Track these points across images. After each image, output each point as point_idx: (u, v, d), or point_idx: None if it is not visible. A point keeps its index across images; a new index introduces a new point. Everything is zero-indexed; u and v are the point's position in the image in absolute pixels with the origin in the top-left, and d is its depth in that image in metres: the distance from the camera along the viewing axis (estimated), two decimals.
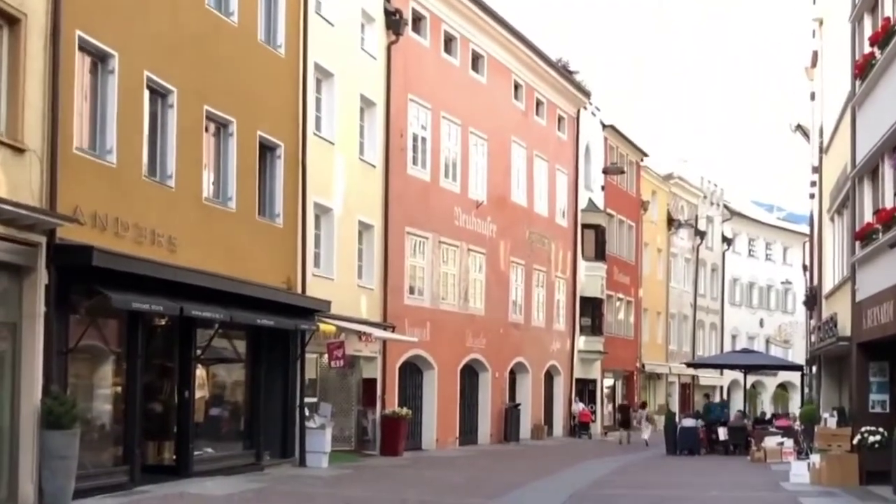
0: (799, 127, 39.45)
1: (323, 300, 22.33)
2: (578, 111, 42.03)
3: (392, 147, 27.53)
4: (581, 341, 42.12)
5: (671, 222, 55.36)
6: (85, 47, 15.80)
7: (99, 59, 16.27)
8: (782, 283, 68.76)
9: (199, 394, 19.91)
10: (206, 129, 19.53)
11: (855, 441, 20.20)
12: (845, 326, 23.12)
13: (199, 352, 19.00)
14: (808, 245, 69.87)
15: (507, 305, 35.48)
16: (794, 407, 64.73)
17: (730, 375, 62.43)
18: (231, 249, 19.84)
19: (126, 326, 16.89)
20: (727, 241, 63.52)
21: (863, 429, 19.97)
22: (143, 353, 17.20)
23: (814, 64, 34.20)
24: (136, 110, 17.10)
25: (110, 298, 14.95)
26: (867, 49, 20.25)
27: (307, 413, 22.72)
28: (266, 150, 21.65)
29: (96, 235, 15.55)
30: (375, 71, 26.90)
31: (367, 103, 26.51)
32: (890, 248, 16.86)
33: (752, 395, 60.90)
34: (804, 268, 70.68)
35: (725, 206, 63.38)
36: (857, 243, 21.01)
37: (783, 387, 69.29)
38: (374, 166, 26.75)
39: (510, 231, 35.38)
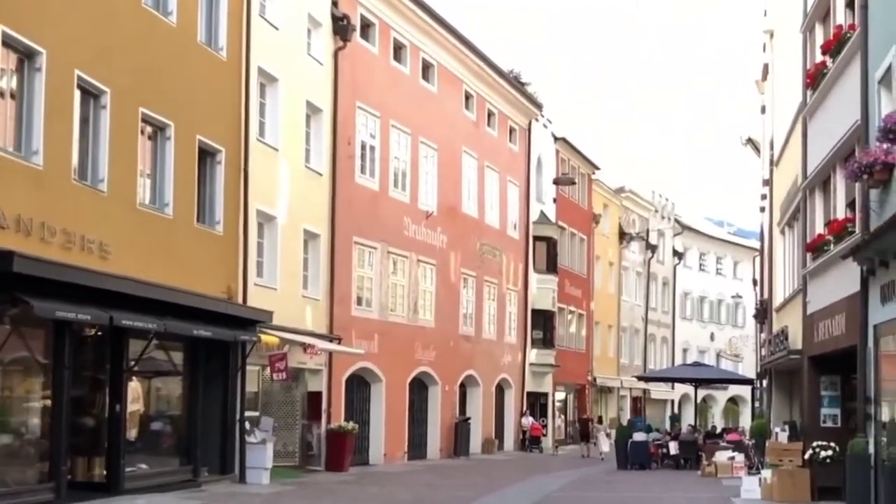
0: (749, 140, 39.47)
1: (265, 311, 21.66)
2: (530, 123, 41.70)
3: (339, 155, 26.92)
4: (532, 354, 41.70)
5: (623, 236, 55.28)
6: (10, 43, 15.10)
7: (25, 56, 15.56)
8: (732, 297, 69.03)
9: (133, 407, 19.16)
10: (142, 132, 18.88)
11: (806, 456, 19.86)
12: (796, 339, 22.87)
13: (132, 363, 18.23)
14: (757, 259, 70.95)
15: (457, 317, 34.95)
16: (745, 421, 64.88)
17: (681, 389, 62.47)
18: (168, 257, 19.16)
19: (53, 336, 16.13)
20: (678, 255, 63.63)
21: (814, 443, 19.63)
22: (72, 364, 16.44)
23: (764, 77, 34.16)
24: (66, 111, 16.40)
25: (32, 306, 14.20)
26: (819, 58, 20.06)
27: (248, 427, 21.99)
28: (206, 155, 20.99)
29: (20, 240, 14.83)
30: (322, 77, 26.29)
31: (313, 110, 25.89)
32: (842, 259, 16.52)
33: (702, 408, 60.93)
34: (754, 282, 71.09)
35: (676, 221, 63.49)
36: (809, 255, 20.75)
37: (734, 401, 69.49)
38: (320, 174, 26.12)
39: (461, 242, 34.88)
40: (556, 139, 45.05)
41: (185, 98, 20.03)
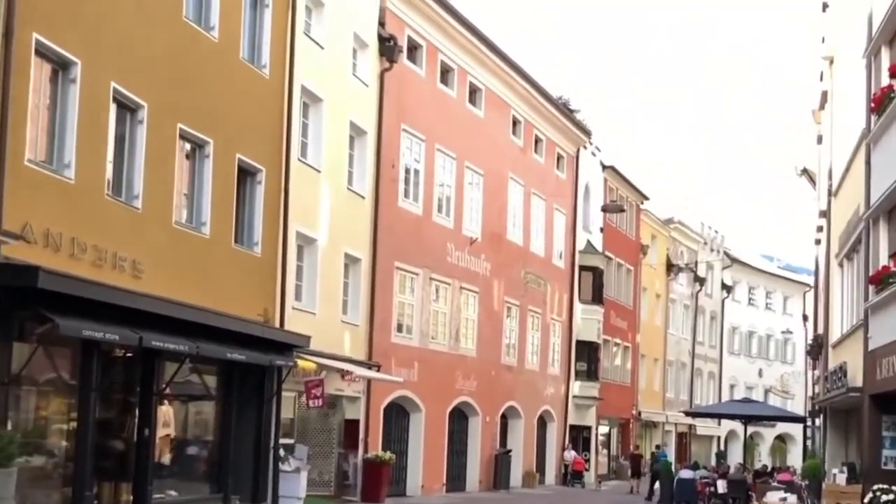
0: (805, 171, 38.36)
1: (302, 335, 20.99)
2: (578, 150, 40.94)
3: (383, 178, 26.32)
4: (576, 386, 40.73)
5: (670, 267, 54.20)
6: (44, 52, 14.60)
7: (60, 67, 15.07)
8: (782, 332, 67.45)
9: (163, 432, 18.56)
10: (180, 149, 18.33)
11: (866, 500, 18.82)
12: (855, 376, 21.81)
13: (162, 386, 17.62)
14: (809, 294, 69.40)
15: (499, 347, 34.13)
16: (793, 460, 63.32)
17: (727, 426, 61.06)
18: (203, 278, 18.58)
19: (81, 356, 15.54)
20: (727, 288, 62.35)
21: (874, 486, 18.61)
22: (100, 385, 15.83)
23: (822, 106, 33.19)
24: (101, 124, 15.87)
25: (58, 325, 13.62)
26: (885, 82, 19.16)
27: (282, 455, 21.31)
28: (246, 174, 20.43)
29: (48, 256, 14.27)
30: (367, 98, 25.75)
31: (357, 131, 25.33)
32: None
33: (749, 446, 59.45)
34: (804, 317, 69.84)
35: (726, 253, 62.29)
36: (872, 288, 19.74)
37: (781, 439, 67.85)
38: (363, 197, 25.52)
39: (505, 270, 34.11)
40: (604, 167, 44.24)
41: (226, 115, 19.51)
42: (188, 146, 18.70)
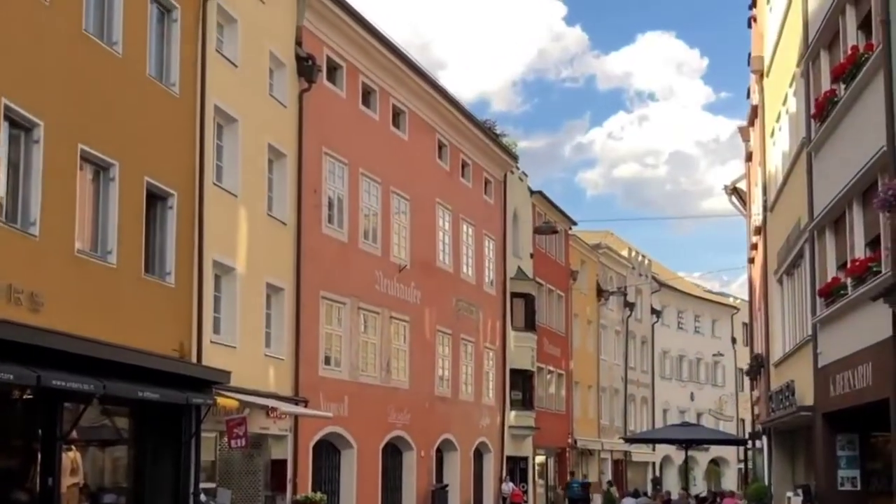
0: (734, 190, 37.86)
1: (221, 370, 19.54)
2: (505, 175, 40.04)
3: (305, 204, 24.97)
4: (512, 416, 39.57)
5: (600, 293, 53.53)
6: None
7: None
8: (713, 355, 67.35)
9: (71, 480, 16.96)
10: (82, 171, 16.86)
11: None
12: (804, 395, 20.97)
13: (67, 431, 16.04)
14: (736, 317, 69.49)
15: (432, 377, 32.85)
16: (728, 483, 62.88)
17: (661, 451, 60.53)
18: (110, 311, 17.10)
19: None
20: (656, 312, 61.95)
21: None
22: None
23: (751, 122, 32.73)
24: None
25: None
26: (826, 87, 18.46)
27: (203, 500, 19.75)
28: (156, 198, 18.99)
29: None
30: (286, 120, 24.45)
31: (276, 154, 23.99)
32: (871, 301, 14.68)
33: (683, 470, 58.87)
34: (733, 340, 69.99)
35: (654, 278, 61.94)
36: (820, 301, 18.93)
37: (715, 462, 67.52)
38: (284, 224, 24.12)
39: (436, 298, 32.89)
40: (532, 192, 43.41)
41: (133, 136, 18.11)
42: (91, 168, 17.23)
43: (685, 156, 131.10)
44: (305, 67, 25.04)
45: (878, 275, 15.36)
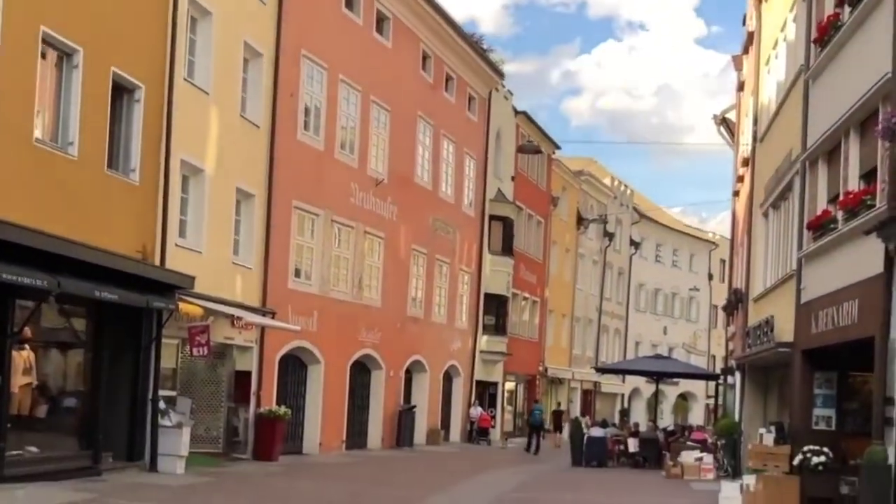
0: (723, 120, 37.07)
1: (185, 275, 18.82)
2: (490, 92, 39.07)
3: (280, 107, 24.03)
4: (484, 341, 39.15)
5: (580, 221, 52.91)
6: None
7: None
8: (690, 289, 67.09)
9: (23, 380, 16.31)
10: (44, 56, 15.95)
11: (796, 461, 17.46)
12: (783, 331, 20.45)
13: (17, 328, 15.32)
14: (714, 252, 69.20)
15: (405, 297, 32.24)
16: (695, 418, 63.14)
17: (631, 383, 60.53)
18: (69, 205, 16.33)
19: None
20: (635, 244, 61.43)
21: (805, 448, 17.25)
22: None
23: (746, 50, 31.84)
24: None
25: None
26: (829, 11, 17.62)
27: (162, 408, 19.15)
28: (122, 90, 18.08)
29: None
30: (264, 17, 23.39)
31: (252, 53, 22.97)
32: (865, 235, 14.05)
33: (651, 403, 59.00)
34: (709, 276, 69.76)
35: (635, 209, 61.34)
36: (808, 235, 18.30)
37: (683, 396, 67.69)
38: (257, 126, 23.19)
39: (412, 215, 32.14)
40: (516, 113, 42.47)
41: (99, 22, 17.13)
42: (53, 54, 16.27)
43: (673, 89, 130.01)
44: None
45: (872, 208, 14.72)
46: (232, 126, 21.99)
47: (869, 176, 15.58)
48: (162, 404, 19.22)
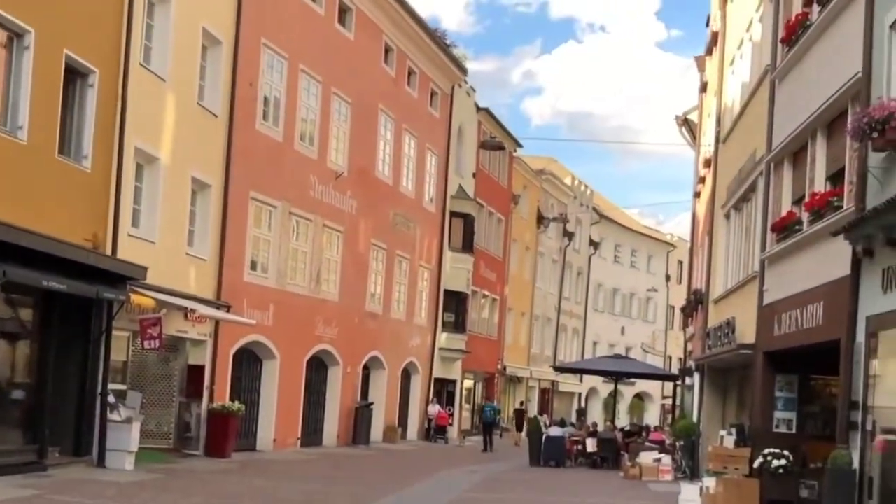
0: (685, 121, 37.00)
1: (138, 266, 18.31)
2: (453, 88, 38.73)
3: (239, 96, 23.54)
4: (443, 338, 38.83)
5: (541, 220, 52.72)
6: None
7: None
8: (648, 290, 67.22)
9: None
10: None
11: (755, 464, 17.32)
12: (745, 333, 20.31)
13: None
14: (672, 254, 69.39)
15: (364, 292, 31.82)
16: (650, 418, 63.24)
17: (588, 382, 60.50)
18: (17, 191, 15.80)
19: None
20: (594, 244, 61.42)
21: (765, 451, 17.11)
22: None
23: (709, 51, 31.75)
24: None
25: None
26: (798, 10, 17.47)
27: (111, 402, 18.63)
28: (75, 74, 17.53)
29: None
30: (224, 5, 22.89)
31: (211, 41, 22.45)
32: (832, 237, 13.86)
33: (608, 403, 59.01)
34: (667, 277, 69.90)
35: (594, 209, 61.31)
36: (772, 236, 18.15)
37: (640, 397, 67.81)
38: (215, 115, 22.67)
39: (372, 210, 31.72)
40: (479, 109, 42.18)
41: (52, 4, 16.64)
42: (3, 34, 15.71)
43: (633, 92, 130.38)
44: None
45: (839, 210, 14.57)
46: (189, 114, 21.47)
47: (836, 177, 15.44)
48: (111, 398, 18.72)
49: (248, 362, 25.70)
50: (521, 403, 45.03)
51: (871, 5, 13.68)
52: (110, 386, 18.85)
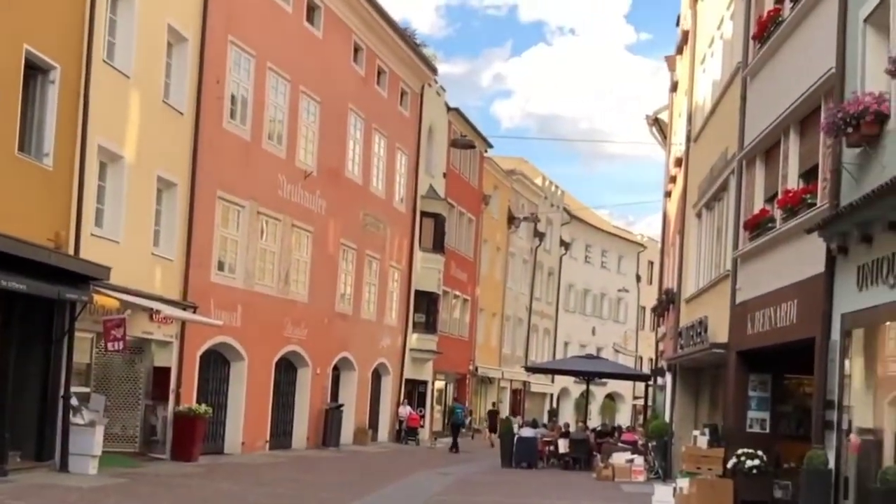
0: (656, 121, 36.91)
1: (100, 265, 17.91)
2: (423, 87, 38.46)
3: (206, 94, 23.14)
4: (414, 338, 38.55)
5: (511, 220, 52.55)
6: None
7: None
8: (619, 290, 67.21)
9: None
10: None
11: (729, 464, 17.20)
12: (717, 332, 20.20)
13: None
14: (643, 255, 69.46)
15: (334, 293, 31.46)
16: (622, 418, 63.19)
17: (560, 383, 60.37)
18: None
19: None
20: (565, 244, 61.32)
21: (739, 451, 17.03)
22: None
23: (680, 50, 31.67)
24: None
25: None
26: (770, 7, 17.36)
27: (74, 405, 18.23)
28: (35, 70, 17.14)
29: None
30: (189, 1, 22.48)
31: (176, 38, 22.05)
32: (806, 234, 13.71)
33: (579, 403, 58.89)
34: (637, 278, 69.96)
35: (565, 210, 61.22)
36: (744, 234, 18.02)
37: (611, 397, 67.74)
38: (181, 113, 22.27)
39: (342, 210, 31.38)
40: (449, 109, 41.93)
41: None
42: None
43: (602, 94, 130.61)
44: None
45: (812, 207, 14.45)
46: (154, 112, 21.08)
47: (809, 174, 15.32)
48: (74, 401, 18.32)
49: (216, 364, 25.31)
50: (494, 404, 44.82)
51: (845, 0, 13.55)
52: (73, 389, 18.47)
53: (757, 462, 16.76)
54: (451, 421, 36.82)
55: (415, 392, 40.03)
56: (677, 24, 33.41)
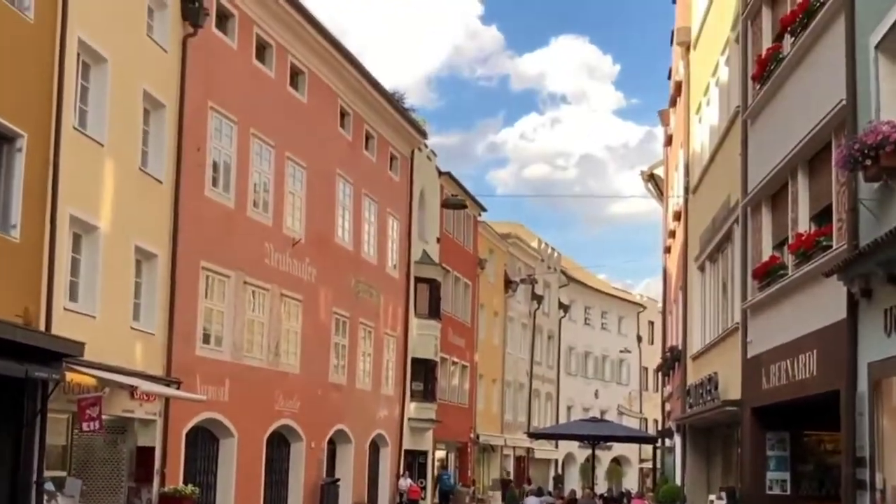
0: (651, 176, 36.16)
1: (73, 341, 16.85)
2: (413, 152, 37.77)
3: (186, 162, 22.32)
4: (412, 408, 37.36)
5: (508, 284, 51.64)
6: None
7: None
8: (621, 351, 66.16)
9: None
10: None
11: None
12: (729, 388, 19.15)
13: None
14: (643, 315, 68.49)
15: (327, 363, 30.39)
16: (629, 483, 61.68)
17: (564, 448, 59.09)
18: None
19: None
20: (564, 307, 60.35)
21: None
22: None
23: (673, 103, 31.05)
24: None
25: None
26: (767, 46, 16.61)
27: (48, 490, 17.09)
28: (1, 139, 16.24)
29: None
30: (167, 66, 21.76)
31: (153, 104, 21.28)
32: (825, 277, 12.73)
33: (584, 469, 57.50)
34: (638, 338, 68.89)
35: (563, 272, 60.37)
36: (753, 284, 17.06)
37: (617, 461, 66.26)
38: (160, 182, 21.42)
39: (333, 277, 30.44)
40: (440, 173, 41.22)
41: None
42: None
43: (595, 159, 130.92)
44: (191, 10, 22.40)
45: (828, 250, 13.49)
46: (131, 180, 20.20)
47: (821, 216, 14.40)
48: (49, 486, 17.19)
49: (204, 442, 24.18)
50: (508, 473, 43.45)
51: (852, 29, 12.74)
52: (48, 473, 17.37)
53: None
54: (439, 489, 35.72)
55: (415, 463, 38.77)
56: (669, 78, 32.87)
